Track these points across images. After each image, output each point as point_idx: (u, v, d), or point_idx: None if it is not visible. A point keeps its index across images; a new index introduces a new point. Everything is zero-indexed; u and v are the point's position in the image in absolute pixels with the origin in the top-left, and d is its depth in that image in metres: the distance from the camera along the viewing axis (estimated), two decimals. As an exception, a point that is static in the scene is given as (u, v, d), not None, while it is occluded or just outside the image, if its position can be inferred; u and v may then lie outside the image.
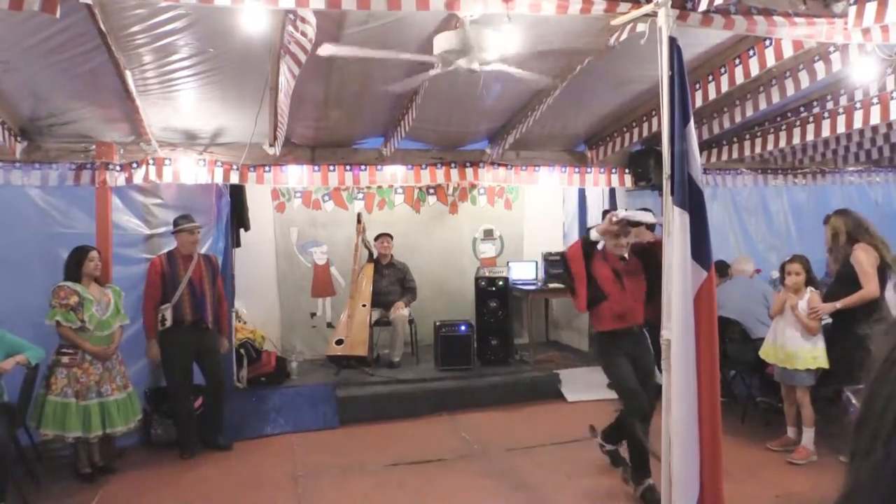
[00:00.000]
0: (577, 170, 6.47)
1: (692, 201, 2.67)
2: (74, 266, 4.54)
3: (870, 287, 4.50)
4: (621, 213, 4.11)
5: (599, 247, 4.15)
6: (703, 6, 2.91)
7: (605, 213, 4.55)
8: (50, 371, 4.42)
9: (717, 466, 2.71)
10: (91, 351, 4.45)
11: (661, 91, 2.76)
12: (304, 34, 3.14)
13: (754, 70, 4.11)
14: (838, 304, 4.53)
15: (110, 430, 4.48)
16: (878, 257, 4.58)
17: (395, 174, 5.98)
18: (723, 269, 5.60)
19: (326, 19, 3.29)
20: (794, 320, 4.56)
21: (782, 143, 5.68)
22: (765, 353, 4.77)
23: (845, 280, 4.68)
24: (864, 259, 4.56)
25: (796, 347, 4.52)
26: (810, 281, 4.64)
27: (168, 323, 4.97)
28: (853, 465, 0.58)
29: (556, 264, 7.23)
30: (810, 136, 5.33)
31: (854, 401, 4.26)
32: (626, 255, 4.16)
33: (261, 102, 4.43)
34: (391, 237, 7.04)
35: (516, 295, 7.22)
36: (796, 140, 5.51)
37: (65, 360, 4.40)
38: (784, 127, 5.62)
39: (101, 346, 4.50)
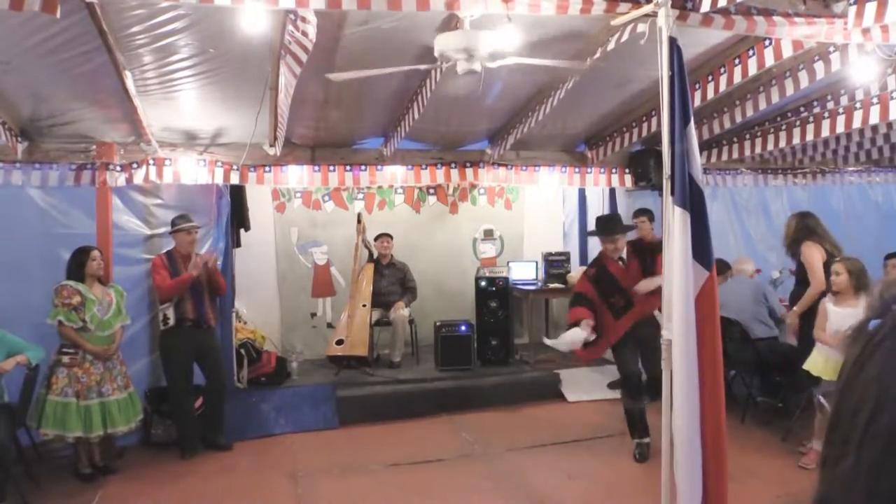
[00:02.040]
0: (577, 170, 6.47)
1: (693, 201, 2.67)
2: (77, 266, 4.54)
3: (815, 283, 4.62)
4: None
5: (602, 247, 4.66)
6: (704, 7, 2.91)
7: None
8: (50, 371, 4.42)
9: (720, 468, 2.68)
10: (92, 351, 4.45)
11: (661, 91, 2.76)
12: (304, 34, 3.13)
13: (754, 70, 4.10)
14: (797, 310, 4.74)
15: (111, 429, 4.49)
16: (826, 254, 4.71)
17: (395, 174, 5.97)
18: (723, 269, 5.60)
19: (327, 19, 3.29)
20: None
21: (782, 143, 5.68)
22: (815, 367, 4.26)
23: (801, 281, 4.90)
24: (808, 255, 4.74)
25: None
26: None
27: (170, 322, 4.97)
28: (825, 472, 0.56)
29: (556, 264, 7.24)
30: (810, 136, 5.33)
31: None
32: (623, 257, 4.49)
33: (261, 103, 4.43)
34: (391, 237, 7.03)
35: (516, 295, 7.21)
36: (796, 140, 5.51)
37: (65, 360, 4.40)
38: (784, 127, 5.62)
39: (102, 346, 4.51)
